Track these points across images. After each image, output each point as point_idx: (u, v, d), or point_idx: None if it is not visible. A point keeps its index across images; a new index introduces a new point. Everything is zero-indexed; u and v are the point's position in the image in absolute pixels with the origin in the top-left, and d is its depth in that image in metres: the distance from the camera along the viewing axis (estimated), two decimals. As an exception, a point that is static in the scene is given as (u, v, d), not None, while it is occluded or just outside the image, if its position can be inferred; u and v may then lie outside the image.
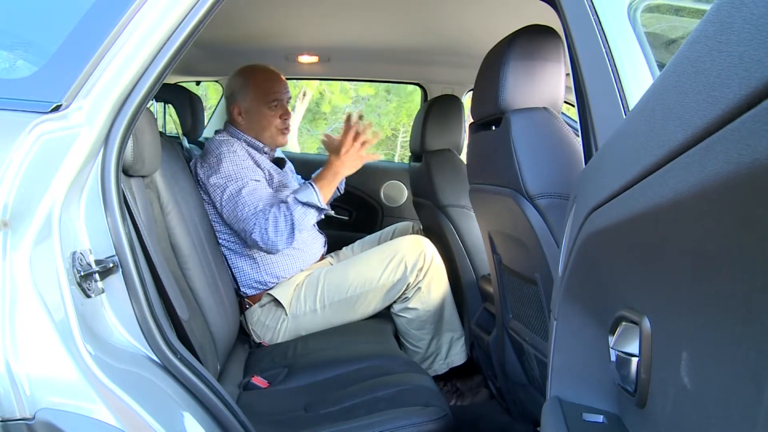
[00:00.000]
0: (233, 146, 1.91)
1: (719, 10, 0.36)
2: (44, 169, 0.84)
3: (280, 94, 2.02)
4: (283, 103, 2.04)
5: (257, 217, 1.78)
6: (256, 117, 2.01)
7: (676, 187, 0.39)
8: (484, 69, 1.31)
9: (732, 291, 0.37)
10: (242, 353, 1.83)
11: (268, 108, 2.00)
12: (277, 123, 2.02)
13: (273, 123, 2.01)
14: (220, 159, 1.86)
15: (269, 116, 2.01)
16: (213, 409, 1.02)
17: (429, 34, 2.18)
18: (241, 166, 1.87)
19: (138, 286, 0.95)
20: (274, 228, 1.77)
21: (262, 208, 1.79)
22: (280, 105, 2.02)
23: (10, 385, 0.76)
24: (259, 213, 1.78)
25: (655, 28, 1.10)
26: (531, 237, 1.14)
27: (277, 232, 1.77)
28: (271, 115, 2.01)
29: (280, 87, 2.04)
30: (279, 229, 1.77)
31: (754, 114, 0.30)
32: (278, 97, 2.02)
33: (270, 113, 2.01)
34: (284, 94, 2.04)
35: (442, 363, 1.98)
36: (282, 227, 1.78)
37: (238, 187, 1.81)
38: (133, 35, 0.92)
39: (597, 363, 0.69)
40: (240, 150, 1.92)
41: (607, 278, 0.65)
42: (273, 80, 2.04)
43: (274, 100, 2.01)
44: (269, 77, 2.04)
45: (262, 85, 2.02)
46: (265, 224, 1.77)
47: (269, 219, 1.77)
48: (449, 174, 2.10)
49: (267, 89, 2.01)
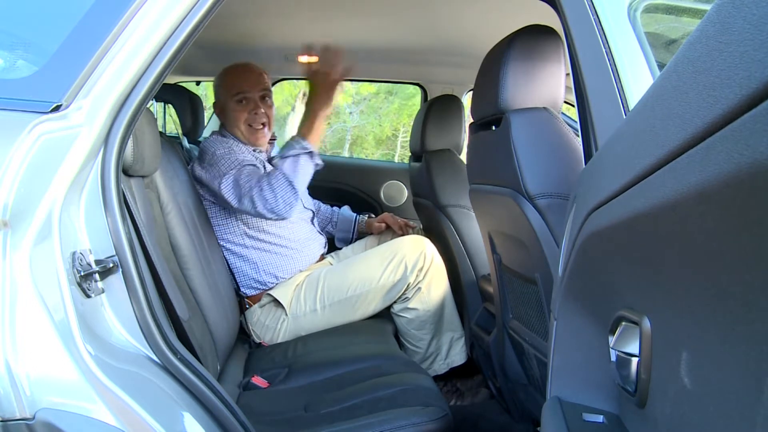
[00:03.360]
0: (226, 143, 1.93)
1: (719, 10, 0.36)
2: (44, 169, 0.84)
3: (245, 87, 1.98)
4: (250, 97, 1.98)
5: (253, 190, 1.77)
6: (227, 113, 2.00)
7: (676, 187, 0.39)
8: (484, 69, 1.31)
9: (732, 291, 0.37)
10: (242, 353, 1.83)
11: (236, 103, 1.98)
12: (245, 118, 1.98)
13: (240, 119, 1.98)
14: (215, 154, 1.87)
15: (236, 111, 1.98)
16: (213, 409, 1.02)
17: (429, 34, 2.18)
18: (237, 154, 1.87)
19: (138, 286, 0.95)
20: (270, 190, 1.76)
21: (257, 181, 1.79)
22: (247, 100, 1.98)
23: (10, 385, 0.76)
24: (255, 187, 1.78)
25: (655, 28, 1.10)
26: (531, 237, 1.14)
27: (275, 193, 1.76)
28: (238, 111, 1.98)
29: (246, 81, 1.99)
30: (275, 189, 1.76)
31: (754, 114, 0.30)
32: (243, 90, 1.98)
33: (237, 108, 1.98)
34: (252, 89, 1.99)
35: (442, 363, 1.98)
36: (278, 186, 1.76)
37: (235, 172, 1.82)
38: (133, 35, 0.92)
39: (597, 363, 0.69)
40: (234, 146, 1.93)
41: (607, 278, 0.65)
42: (240, 75, 2.00)
43: (238, 93, 1.97)
44: (237, 72, 2.01)
45: (229, 81, 2.01)
46: (260, 192, 1.76)
47: (264, 186, 1.77)
48: (449, 174, 2.10)
49: (232, 84, 1.99)
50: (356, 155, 10.72)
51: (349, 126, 10.64)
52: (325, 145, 10.68)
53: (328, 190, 2.70)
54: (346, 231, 2.32)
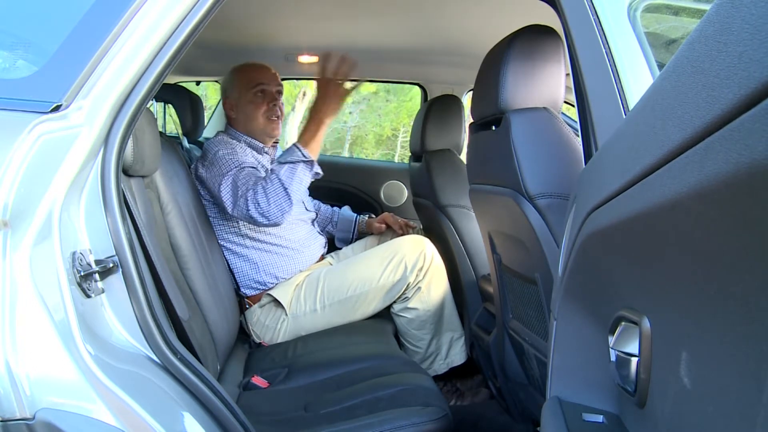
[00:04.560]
0: (231, 144, 1.93)
1: (719, 10, 0.36)
2: (44, 169, 0.84)
3: (264, 80, 2.01)
4: (268, 90, 2.01)
5: (248, 193, 1.77)
6: (244, 108, 2.01)
7: (675, 187, 0.39)
8: (484, 69, 1.31)
9: (732, 291, 0.37)
10: (242, 353, 1.83)
11: (254, 95, 1.99)
12: (264, 110, 2.00)
13: (260, 110, 1.99)
14: (216, 154, 1.87)
15: (255, 104, 1.99)
16: (213, 409, 1.02)
17: (429, 34, 2.18)
18: (239, 156, 1.87)
19: (138, 286, 0.95)
20: (264, 195, 1.75)
21: (253, 185, 1.78)
22: (265, 92, 2.00)
23: (10, 385, 0.76)
24: (250, 189, 1.77)
25: (655, 28, 1.10)
26: (531, 237, 1.14)
27: (269, 198, 1.75)
28: (257, 103, 1.99)
29: (265, 76, 2.02)
30: (270, 195, 1.75)
31: (753, 114, 0.30)
32: (261, 82, 2.00)
33: (256, 100, 1.99)
34: (270, 83, 2.02)
35: (442, 363, 1.98)
36: (272, 191, 1.75)
37: (234, 173, 1.81)
38: (133, 35, 0.92)
39: (597, 363, 0.70)
40: (238, 148, 1.93)
41: (607, 278, 0.65)
42: (257, 70, 2.03)
43: (257, 85, 1.99)
44: (254, 68, 2.04)
45: (246, 75, 2.02)
46: (255, 196, 1.75)
47: (258, 190, 1.75)
48: (449, 174, 2.10)
49: (250, 78, 2.01)
50: (356, 155, 10.73)
51: (349, 126, 10.64)
52: (325, 145, 10.68)
53: (328, 190, 2.70)
54: (346, 231, 2.33)
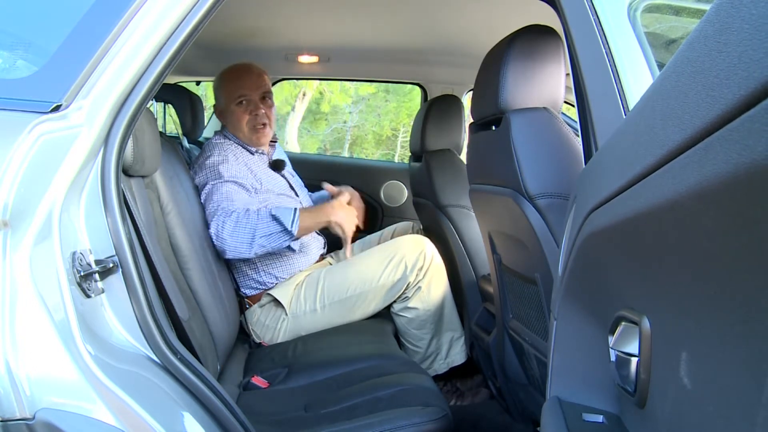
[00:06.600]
0: (225, 149, 1.91)
1: (719, 10, 0.36)
2: (44, 169, 0.84)
3: (245, 90, 1.97)
4: (251, 99, 1.98)
5: (221, 213, 1.74)
6: (230, 117, 2.00)
7: (675, 187, 0.39)
8: (484, 69, 1.32)
9: (732, 291, 0.37)
10: (242, 353, 1.83)
11: (236, 105, 1.97)
12: (247, 120, 1.97)
13: (243, 120, 1.97)
14: (206, 160, 1.86)
15: (238, 114, 1.97)
16: (213, 409, 1.02)
17: (429, 34, 2.18)
18: (228, 164, 1.86)
19: (138, 286, 0.95)
20: (231, 228, 1.71)
21: (231, 206, 1.76)
22: (247, 101, 1.97)
23: (10, 385, 0.76)
24: (225, 210, 1.74)
25: (655, 28, 1.10)
26: (531, 237, 1.14)
27: (234, 234, 1.71)
28: (240, 112, 1.97)
29: (245, 84, 1.98)
30: (236, 232, 1.72)
31: (753, 114, 0.30)
32: (243, 93, 1.97)
33: (238, 110, 1.97)
34: (252, 91, 1.98)
35: (442, 363, 1.98)
36: (240, 230, 1.72)
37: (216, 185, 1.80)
38: (133, 35, 0.92)
39: (597, 363, 0.70)
40: (231, 154, 1.91)
41: (606, 278, 0.66)
42: (239, 78, 1.99)
43: (239, 96, 1.97)
44: (236, 74, 2.00)
45: (229, 83, 2.00)
46: (224, 221, 1.72)
47: (231, 218, 1.73)
48: (449, 174, 2.10)
49: (233, 87, 1.99)
50: (356, 155, 10.73)
51: (349, 126, 10.65)
52: (324, 145, 10.69)
53: (328, 190, 2.70)
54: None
